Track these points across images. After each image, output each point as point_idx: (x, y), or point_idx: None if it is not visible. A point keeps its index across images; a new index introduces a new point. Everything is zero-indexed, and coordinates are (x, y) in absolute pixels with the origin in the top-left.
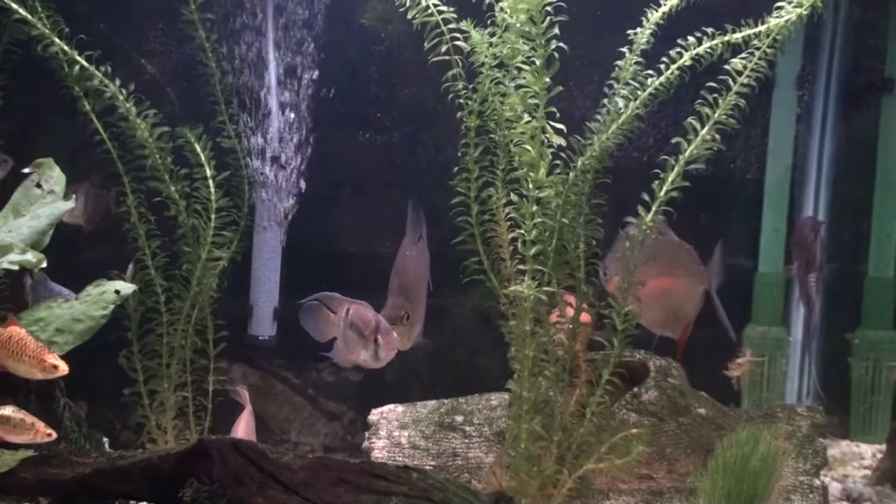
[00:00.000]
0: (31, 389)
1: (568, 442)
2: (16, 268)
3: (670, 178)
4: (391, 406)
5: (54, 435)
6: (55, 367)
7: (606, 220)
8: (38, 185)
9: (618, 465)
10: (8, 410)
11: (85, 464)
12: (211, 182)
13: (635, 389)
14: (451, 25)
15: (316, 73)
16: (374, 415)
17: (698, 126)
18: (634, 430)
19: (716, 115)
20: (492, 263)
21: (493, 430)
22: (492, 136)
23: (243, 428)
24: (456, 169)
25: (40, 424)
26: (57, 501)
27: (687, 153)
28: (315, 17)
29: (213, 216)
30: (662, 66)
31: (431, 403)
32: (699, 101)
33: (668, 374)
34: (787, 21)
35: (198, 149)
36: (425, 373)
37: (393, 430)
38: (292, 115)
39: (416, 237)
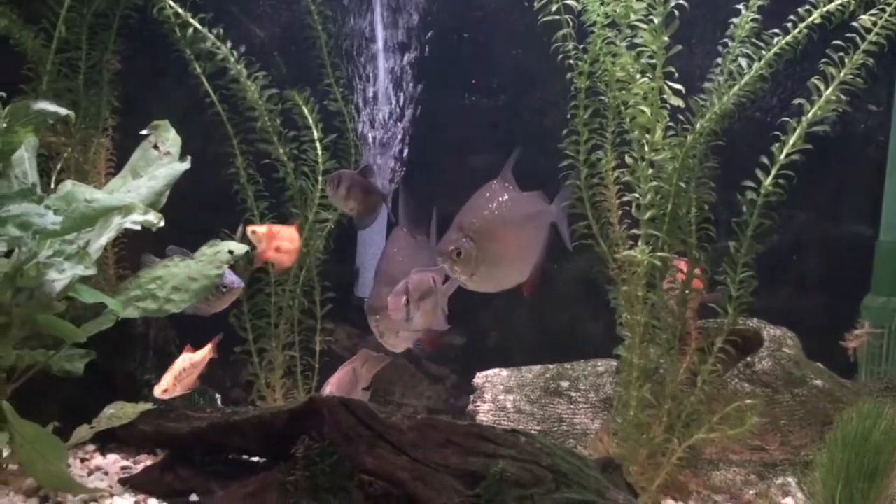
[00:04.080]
0: (150, 345)
1: (678, 410)
2: (138, 227)
3: (791, 141)
4: (496, 370)
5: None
6: None
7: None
8: (156, 147)
9: (729, 436)
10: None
11: (201, 418)
12: (318, 144)
13: (748, 359)
14: None
15: (421, 36)
16: (480, 378)
17: (822, 86)
18: (748, 401)
19: (841, 74)
20: (601, 228)
21: (599, 396)
22: (601, 97)
23: (335, 381)
24: (565, 131)
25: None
26: (173, 453)
27: (810, 114)
28: None
29: (320, 178)
30: (789, 25)
31: (536, 368)
32: (824, 59)
33: (782, 343)
34: None
35: (305, 111)
36: (528, 338)
37: (498, 394)
38: (399, 79)
39: (508, 180)
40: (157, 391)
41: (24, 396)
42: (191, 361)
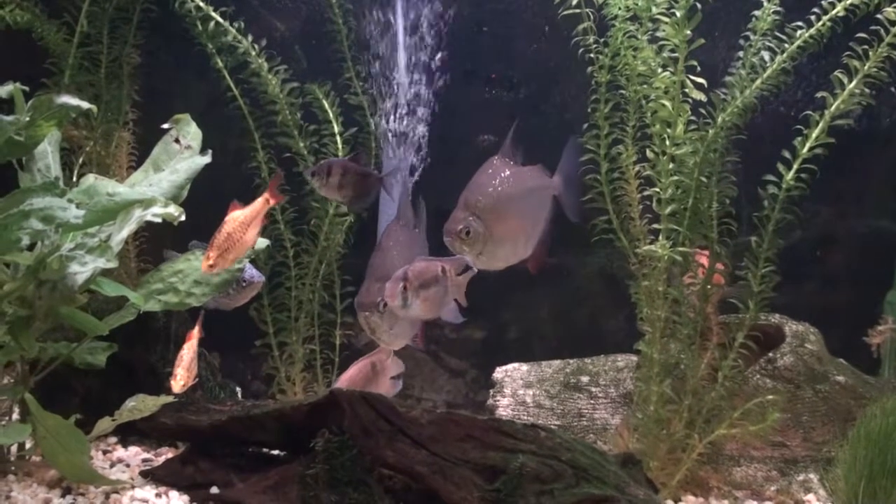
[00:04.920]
0: (171, 338)
1: (698, 406)
2: (159, 220)
3: (814, 135)
4: (516, 364)
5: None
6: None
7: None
8: (177, 141)
9: (751, 432)
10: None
11: (221, 411)
12: (339, 138)
13: (770, 354)
14: None
15: (442, 29)
16: (499, 373)
17: (845, 79)
18: (769, 397)
19: (865, 67)
20: (621, 223)
21: (619, 391)
22: (622, 91)
23: (349, 375)
24: (585, 125)
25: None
26: (194, 446)
27: (833, 108)
28: None
29: None
30: (813, 17)
31: (556, 363)
32: (847, 52)
33: (805, 339)
34: None
35: (326, 105)
36: (547, 332)
37: (517, 389)
38: (419, 73)
39: (513, 154)
40: (177, 387)
41: (47, 388)
42: (192, 349)
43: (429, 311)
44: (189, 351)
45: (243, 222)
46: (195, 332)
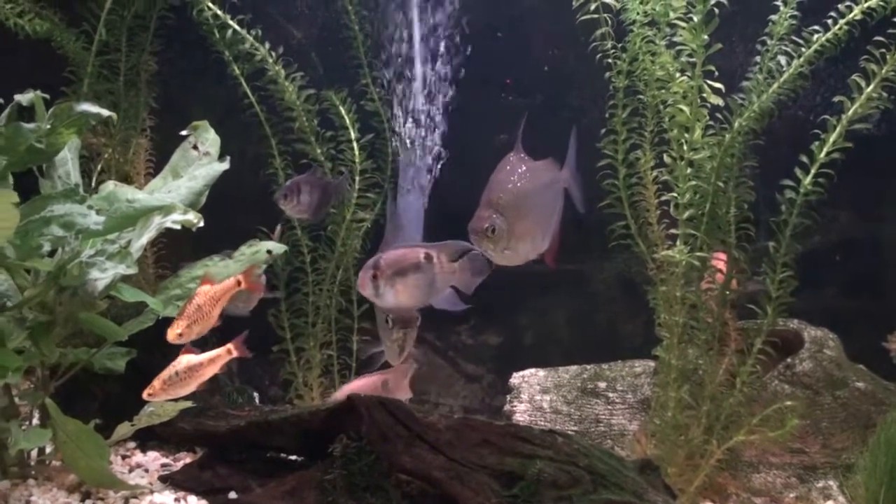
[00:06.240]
0: None
1: (717, 412)
2: (178, 227)
3: (832, 139)
4: (533, 370)
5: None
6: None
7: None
8: (195, 147)
9: (769, 438)
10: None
11: (239, 417)
12: (355, 144)
13: (789, 360)
14: None
15: (458, 36)
16: (516, 378)
17: (863, 83)
18: (788, 403)
19: (883, 71)
20: (639, 228)
21: (636, 397)
22: (640, 96)
23: (357, 386)
24: (603, 131)
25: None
26: (212, 451)
27: (850, 112)
28: None
29: (357, 178)
30: (830, 21)
31: (573, 369)
32: (865, 56)
33: (824, 345)
34: None
35: (342, 111)
36: (564, 338)
37: (535, 394)
38: (435, 79)
39: (522, 151)
40: (145, 393)
41: (67, 394)
42: (187, 364)
43: (410, 299)
44: (177, 364)
45: (213, 297)
46: (215, 353)
